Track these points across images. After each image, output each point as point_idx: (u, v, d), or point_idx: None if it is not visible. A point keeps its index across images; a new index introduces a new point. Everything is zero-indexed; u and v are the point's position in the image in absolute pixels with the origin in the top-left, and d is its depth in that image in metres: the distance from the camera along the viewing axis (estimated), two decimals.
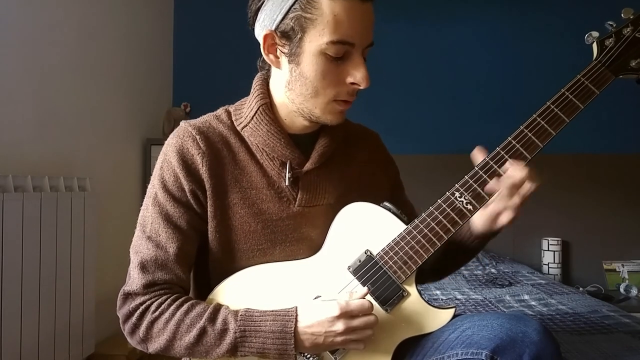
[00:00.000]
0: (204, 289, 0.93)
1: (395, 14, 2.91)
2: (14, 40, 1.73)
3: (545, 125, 0.87)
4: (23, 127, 1.77)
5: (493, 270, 2.46)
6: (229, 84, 2.98)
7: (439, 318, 0.86)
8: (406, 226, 0.88)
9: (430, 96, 2.97)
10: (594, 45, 0.92)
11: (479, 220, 0.92)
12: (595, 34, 0.92)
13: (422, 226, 0.87)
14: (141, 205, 0.92)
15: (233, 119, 0.94)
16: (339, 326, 0.78)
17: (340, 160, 0.98)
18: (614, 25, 0.92)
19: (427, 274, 1.04)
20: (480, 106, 2.94)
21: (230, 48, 2.99)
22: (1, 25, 1.67)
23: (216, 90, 2.99)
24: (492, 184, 0.86)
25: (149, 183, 0.92)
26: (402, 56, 2.96)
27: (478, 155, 0.90)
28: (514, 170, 0.85)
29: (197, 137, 0.89)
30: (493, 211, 0.88)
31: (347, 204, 0.92)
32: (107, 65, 2.36)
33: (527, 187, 0.84)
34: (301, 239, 0.92)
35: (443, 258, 0.97)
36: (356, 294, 0.83)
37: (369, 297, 0.85)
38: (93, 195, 1.97)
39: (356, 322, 0.79)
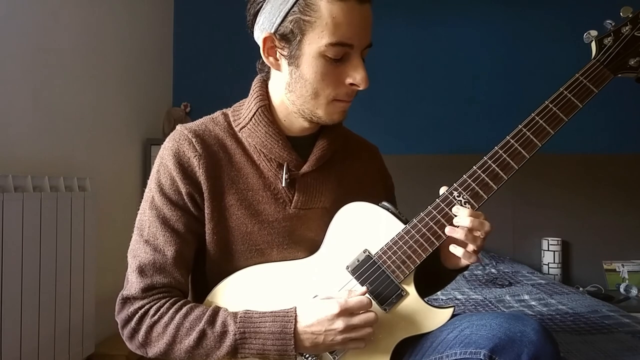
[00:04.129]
0: (202, 291, 0.92)
1: (394, 14, 2.91)
2: (14, 40, 1.73)
3: (544, 124, 0.88)
4: (23, 127, 1.77)
5: (493, 270, 2.46)
6: (229, 84, 2.99)
7: (438, 317, 0.86)
8: (404, 226, 0.88)
9: (430, 96, 2.96)
10: (593, 44, 0.92)
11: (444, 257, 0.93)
12: (594, 32, 0.93)
13: (420, 225, 0.87)
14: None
15: (231, 119, 0.95)
16: (339, 324, 0.78)
17: (338, 167, 0.98)
18: (613, 24, 0.92)
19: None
20: (480, 106, 2.94)
21: (230, 48, 2.99)
22: (1, 26, 1.67)
23: (216, 90, 2.99)
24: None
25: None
26: (401, 56, 2.96)
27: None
28: (461, 218, 0.85)
29: (193, 139, 0.89)
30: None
31: None
32: (107, 65, 2.36)
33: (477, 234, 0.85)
34: (298, 241, 0.92)
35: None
36: (355, 292, 0.83)
37: (367, 296, 0.85)
38: (93, 195, 1.97)
39: (356, 319, 0.79)
